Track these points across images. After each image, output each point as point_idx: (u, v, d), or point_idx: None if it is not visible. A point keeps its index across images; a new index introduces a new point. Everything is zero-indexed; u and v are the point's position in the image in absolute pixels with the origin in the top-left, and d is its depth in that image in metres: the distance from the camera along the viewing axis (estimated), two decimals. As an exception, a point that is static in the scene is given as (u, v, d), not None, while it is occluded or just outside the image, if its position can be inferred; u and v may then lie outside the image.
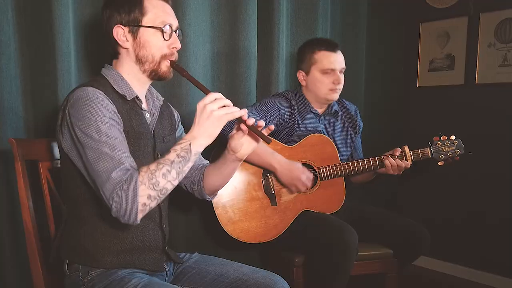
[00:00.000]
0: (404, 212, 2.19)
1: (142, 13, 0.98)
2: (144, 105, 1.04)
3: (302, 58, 1.60)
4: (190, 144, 0.91)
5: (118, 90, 0.99)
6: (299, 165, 1.45)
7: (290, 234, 1.46)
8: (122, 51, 1.01)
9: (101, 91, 0.93)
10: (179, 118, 1.19)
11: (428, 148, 1.51)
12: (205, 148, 0.95)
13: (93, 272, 0.97)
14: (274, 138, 1.54)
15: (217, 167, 1.11)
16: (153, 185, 0.87)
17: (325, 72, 1.53)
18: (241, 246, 1.44)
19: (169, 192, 0.91)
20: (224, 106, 0.91)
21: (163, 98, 1.12)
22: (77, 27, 1.34)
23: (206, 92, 0.96)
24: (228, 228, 1.42)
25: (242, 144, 1.04)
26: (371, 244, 1.52)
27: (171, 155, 0.90)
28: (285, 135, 1.56)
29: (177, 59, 1.02)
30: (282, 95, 1.58)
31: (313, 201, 1.52)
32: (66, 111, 0.92)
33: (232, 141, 1.03)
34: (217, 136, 0.94)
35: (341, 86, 1.55)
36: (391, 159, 1.48)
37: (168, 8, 1.01)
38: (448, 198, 2.16)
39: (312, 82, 1.56)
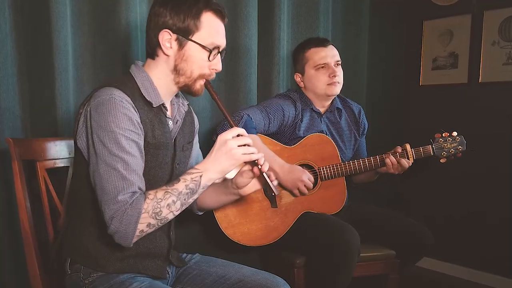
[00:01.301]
0: (405, 211, 2.17)
1: (196, 26, 0.93)
2: (168, 113, 1.01)
3: (295, 61, 1.60)
4: (201, 176, 0.91)
5: (145, 96, 0.95)
6: (300, 168, 1.44)
7: (290, 235, 1.44)
8: (162, 56, 0.96)
9: (128, 97, 0.90)
10: (198, 127, 1.16)
11: (430, 146, 1.50)
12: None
13: (94, 274, 0.96)
14: (277, 139, 1.52)
15: (216, 193, 1.10)
16: (156, 214, 0.87)
17: (318, 67, 1.52)
18: (241, 248, 1.43)
19: (168, 221, 0.91)
20: (245, 145, 0.91)
21: (188, 103, 1.09)
22: (75, 24, 1.33)
23: (230, 122, 0.96)
24: (228, 232, 1.40)
25: (247, 183, 1.02)
26: (373, 245, 1.51)
27: (180, 185, 0.89)
28: (288, 136, 1.54)
29: (213, 79, 1.00)
30: (288, 96, 1.57)
31: (314, 202, 1.50)
32: (89, 109, 0.89)
33: (239, 177, 1.01)
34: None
35: (339, 79, 1.53)
36: (392, 157, 1.46)
37: (222, 28, 0.98)
38: (451, 198, 2.14)
39: (308, 81, 1.55)
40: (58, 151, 1.17)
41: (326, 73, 1.51)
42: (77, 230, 0.98)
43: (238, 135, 0.92)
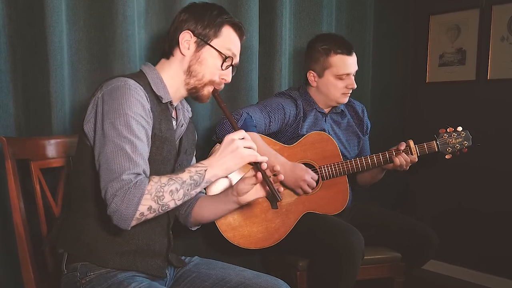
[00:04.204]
0: (411, 212, 2.13)
1: (216, 35, 1.00)
2: (174, 114, 1.05)
3: (315, 59, 1.50)
4: (205, 171, 0.92)
5: (155, 91, 0.99)
6: (302, 166, 1.41)
7: (292, 237, 1.41)
8: (178, 55, 1.01)
9: (141, 86, 0.93)
10: (196, 139, 1.18)
11: (434, 141, 1.46)
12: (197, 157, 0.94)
13: (91, 273, 0.94)
14: (278, 139, 1.49)
15: (214, 203, 1.11)
16: (158, 198, 0.86)
17: (340, 77, 1.48)
18: (242, 250, 1.40)
19: (169, 209, 0.90)
20: (250, 147, 0.94)
21: (191, 116, 1.12)
22: (71, 20, 1.30)
23: (235, 127, 1.00)
24: (228, 235, 1.37)
25: (248, 190, 1.03)
26: (378, 247, 1.47)
27: (185, 175, 0.90)
28: (290, 134, 1.51)
29: (221, 89, 1.05)
30: (288, 95, 1.53)
31: (316, 202, 1.46)
32: (100, 95, 0.92)
33: (241, 184, 1.02)
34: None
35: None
36: (404, 155, 1.42)
37: (239, 44, 1.05)
38: (456, 199, 2.10)
39: (324, 86, 1.50)
40: (53, 150, 1.14)
41: (345, 83, 1.48)
42: (76, 224, 0.97)
43: (244, 138, 0.95)
